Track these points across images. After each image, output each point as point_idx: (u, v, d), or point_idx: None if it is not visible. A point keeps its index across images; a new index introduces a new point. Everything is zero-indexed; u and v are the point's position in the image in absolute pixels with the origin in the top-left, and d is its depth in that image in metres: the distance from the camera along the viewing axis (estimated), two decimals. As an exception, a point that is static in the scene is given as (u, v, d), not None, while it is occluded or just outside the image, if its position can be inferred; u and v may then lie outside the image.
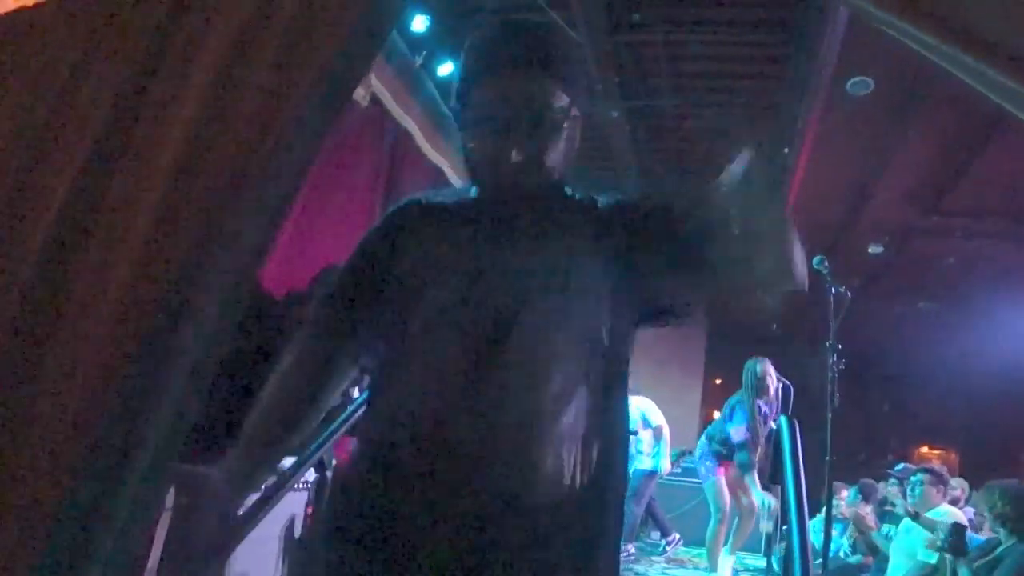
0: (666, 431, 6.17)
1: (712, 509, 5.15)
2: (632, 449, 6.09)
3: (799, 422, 4.08)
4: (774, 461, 3.57)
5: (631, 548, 5.76)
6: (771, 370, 4.89)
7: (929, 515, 3.50)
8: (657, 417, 6.22)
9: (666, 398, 6.92)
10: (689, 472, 7.58)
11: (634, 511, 5.96)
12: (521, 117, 1.08)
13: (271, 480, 1.78)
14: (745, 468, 4.84)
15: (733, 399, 5.04)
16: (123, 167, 1.19)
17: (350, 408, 1.66)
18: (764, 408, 4.76)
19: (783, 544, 5.48)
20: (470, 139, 1.15)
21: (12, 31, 1.30)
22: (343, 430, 1.61)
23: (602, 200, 1.27)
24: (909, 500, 3.74)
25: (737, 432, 4.79)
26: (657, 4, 5.15)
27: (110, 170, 1.20)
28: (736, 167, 1.04)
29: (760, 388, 4.84)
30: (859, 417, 9.40)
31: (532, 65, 1.10)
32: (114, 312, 1.08)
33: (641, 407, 6.16)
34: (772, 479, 3.79)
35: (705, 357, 8.81)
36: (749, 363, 4.94)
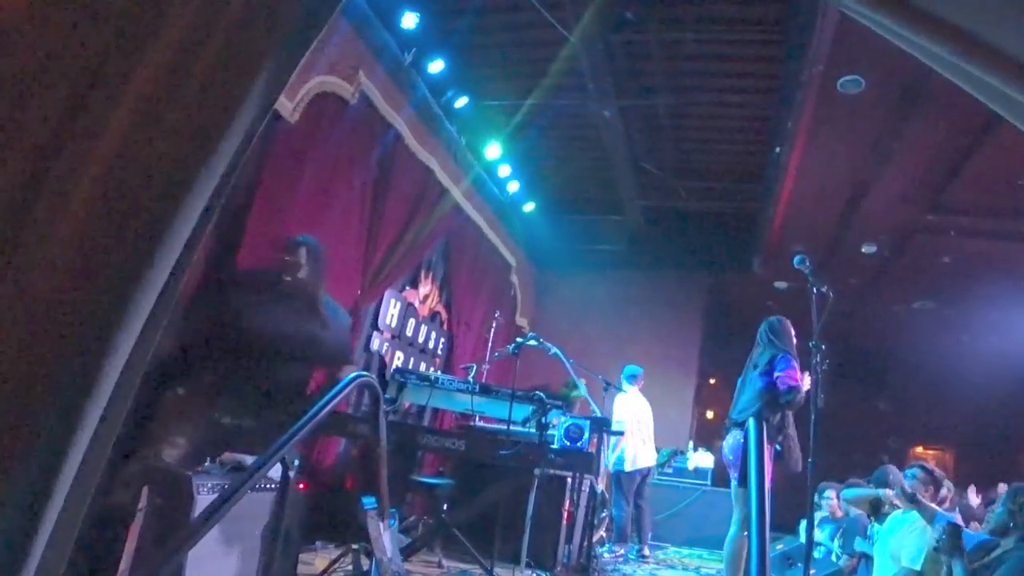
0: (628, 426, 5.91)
1: (739, 515, 4.00)
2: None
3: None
4: (742, 464, 3.40)
5: (620, 551, 5.73)
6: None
7: (913, 515, 3.47)
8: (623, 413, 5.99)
9: (660, 397, 6.90)
10: (681, 472, 7.55)
11: (624, 512, 5.93)
12: None
13: (231, 481, 1.76)
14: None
15: (761, 358, 3.98)
16: (62, 165, 1.18)
17: (312, 410, 1.63)
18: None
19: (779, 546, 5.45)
20: None
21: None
22: (304, 432, 1.58)
23: None
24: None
25: (789, 376, 3.68)
26: (649, 3, 5.12)
27: (47, 167, 1.20)
28: None
29: (791, 341, 3.91)
30: (854, 417, 9.37)
31: None
32: (51, 309, 1.07)
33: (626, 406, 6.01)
34: (741, 482, 3.61)
35: (699, 357, 8.79)
36: (773, 320, 4.02)
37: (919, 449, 10.41)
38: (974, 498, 7.23)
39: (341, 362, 3.12)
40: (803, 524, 5.31)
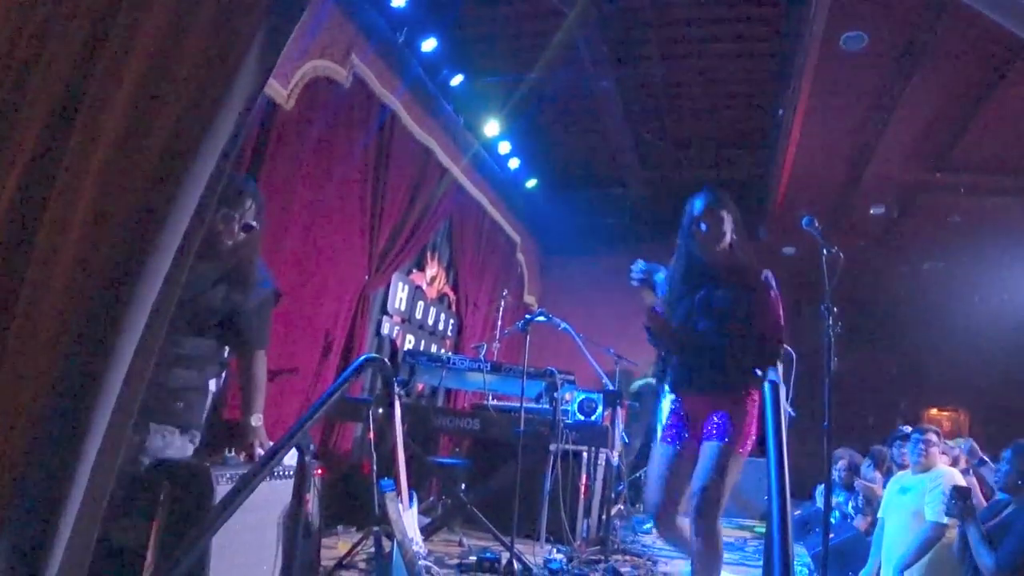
0: None
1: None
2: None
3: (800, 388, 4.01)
4: (759, 430, 3.30)
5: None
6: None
7: (931, 474, 3.43)
8: None
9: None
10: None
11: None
12: None
13: (245, 469, 1.74)
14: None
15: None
16: (62, 166, 1.19)
17: (324, 395, 1.60)
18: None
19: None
20: None
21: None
22: (317, 416, 1.56)
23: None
24: (912, 459, 3.67)
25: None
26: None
27: (51, 171, 1.21)
28: None
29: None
30: (867, 380, 9.33)
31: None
32: (56, 306, 1.05)
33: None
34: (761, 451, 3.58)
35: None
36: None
37: (933, 411, 10.37)
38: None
39: (255, 345, 2.46)
40: (819, 489, 5.31)
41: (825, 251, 3.15)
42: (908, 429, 4.24)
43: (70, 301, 1.07)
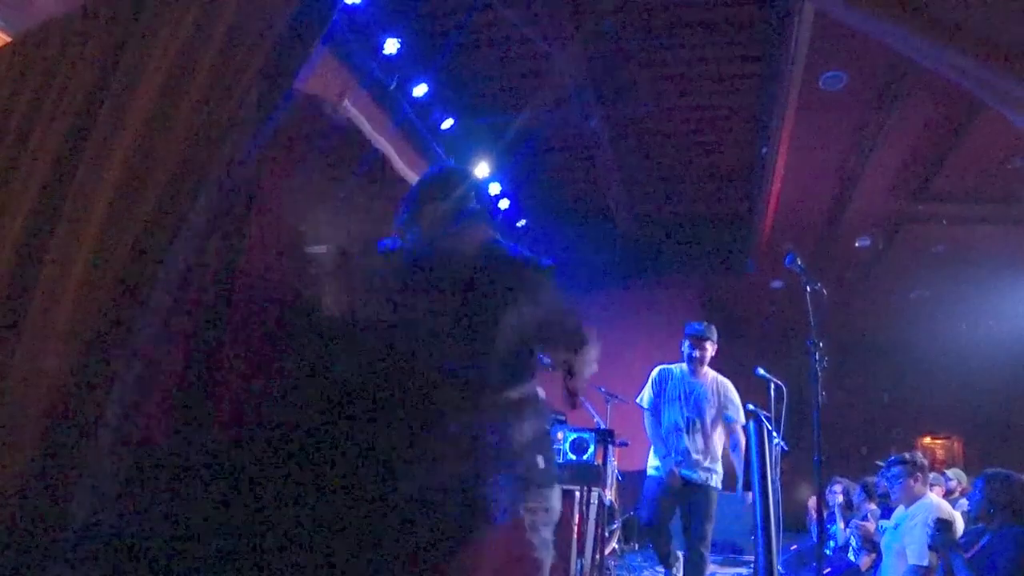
0: None
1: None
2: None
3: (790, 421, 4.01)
4: (745, 467, 3.40)
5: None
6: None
7: (913, 509, 3.42)
8: None
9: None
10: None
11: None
12: None
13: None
14: None
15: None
16: (80, 174, 1.26)
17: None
18: None
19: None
20: None
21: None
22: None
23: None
24: (892, 495, 3.67)
25: None
26: (626, 12, 5.16)
27: (68, 177, 1.28)
28: None
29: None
30: (859, 411, 9.35)
31: None
32: (72, 309, 1.11)
33: None
34: (746, 486, 3.61)
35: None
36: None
37: (927, 440, 10.37)
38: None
39: None
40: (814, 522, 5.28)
41: (809, 287, 3.21)
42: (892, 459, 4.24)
43: (86, 303, 1.11)
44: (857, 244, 7.70)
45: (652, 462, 4.24)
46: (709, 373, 4.35)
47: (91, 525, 1.06)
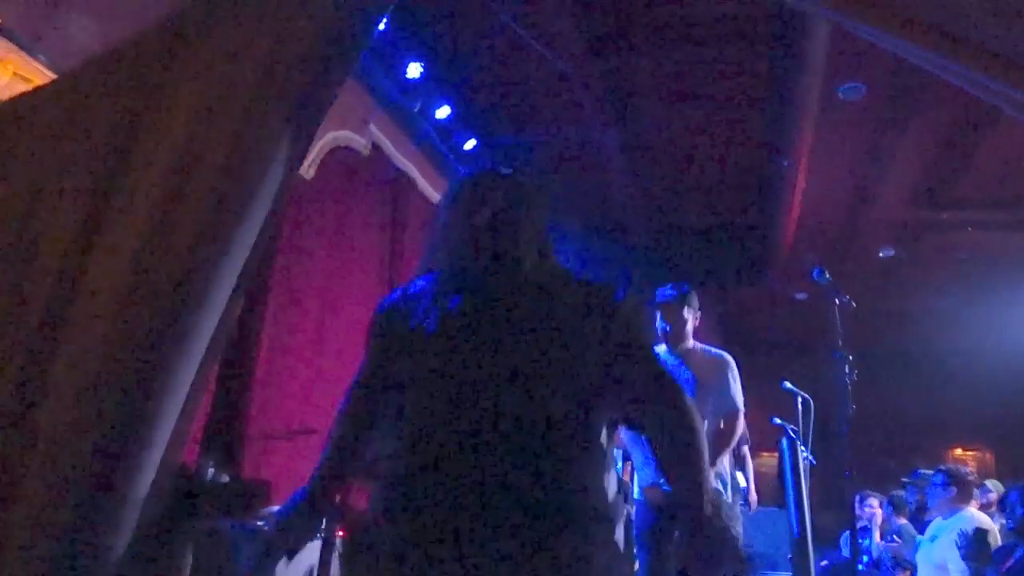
0: None
1: None
2: None
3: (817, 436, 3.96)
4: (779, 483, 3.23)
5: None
6: None
7: (952, 521, 3.37)
8: None
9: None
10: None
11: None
12: None
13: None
14: None
15: None
16: (118, 199, 1.28)
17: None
18: None
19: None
20: None
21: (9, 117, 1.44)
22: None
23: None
24: (929, 504, 3.62)
25: None
26: (639, 26, 5.21)
27: (110, 194, 1.31)
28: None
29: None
30: (886, 424, 9.22)
31: None
32: (111, 329, 1.14)
33: None
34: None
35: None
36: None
37: (957, 451, 10.19)
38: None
39: None
40: (845, 536, 5.22)
41: (837, 300, 3.21)
42: (928, 472, 4.20)
43: (126, 324, 1.14)
44: (881, 254, 7.64)
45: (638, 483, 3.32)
46: (697, 348, 3.36)
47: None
